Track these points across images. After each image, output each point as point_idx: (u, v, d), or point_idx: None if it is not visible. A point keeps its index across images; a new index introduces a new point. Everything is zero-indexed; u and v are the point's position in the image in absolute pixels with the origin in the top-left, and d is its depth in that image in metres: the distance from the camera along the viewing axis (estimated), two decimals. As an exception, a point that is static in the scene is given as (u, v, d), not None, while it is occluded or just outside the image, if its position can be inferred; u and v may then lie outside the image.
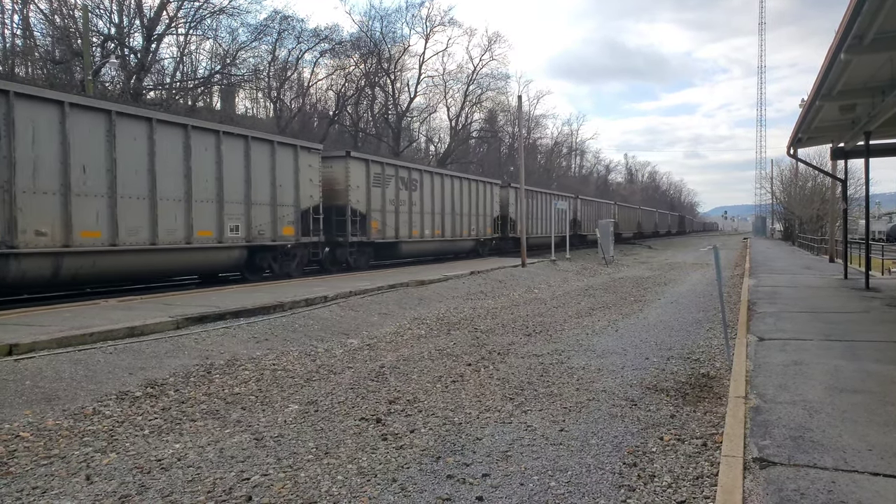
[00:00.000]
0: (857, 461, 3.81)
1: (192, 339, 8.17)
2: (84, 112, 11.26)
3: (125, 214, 11.88)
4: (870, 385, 5.55)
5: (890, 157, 15.39)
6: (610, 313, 11.88)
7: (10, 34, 29.51)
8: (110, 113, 11.68)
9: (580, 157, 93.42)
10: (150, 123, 12.41)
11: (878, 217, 58.25)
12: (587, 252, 35.06)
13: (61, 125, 10.82)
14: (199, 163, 13.48)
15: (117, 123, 11.74)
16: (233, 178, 14.30)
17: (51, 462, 4.38)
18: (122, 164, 11.82)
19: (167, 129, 12.82)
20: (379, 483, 4.03)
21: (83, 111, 11.26)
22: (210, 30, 33.67)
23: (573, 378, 6.76)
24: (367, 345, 8.76)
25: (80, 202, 11.11)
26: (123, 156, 11.87)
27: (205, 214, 13.63)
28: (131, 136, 12.06)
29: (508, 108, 59.88)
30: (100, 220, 11.49)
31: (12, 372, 6.15)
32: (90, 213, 11.32)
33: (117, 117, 11.76)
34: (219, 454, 4.55)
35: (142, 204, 12.25)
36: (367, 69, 44.31)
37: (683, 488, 3.91)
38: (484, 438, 4.86)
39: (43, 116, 10.60)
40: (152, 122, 12.44)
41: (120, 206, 11.77)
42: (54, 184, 10.76)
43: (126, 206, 11.91)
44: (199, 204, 13.49)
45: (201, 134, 13.60)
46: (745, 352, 7.10)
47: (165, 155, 12.70)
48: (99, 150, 11.49)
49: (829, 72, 9.58)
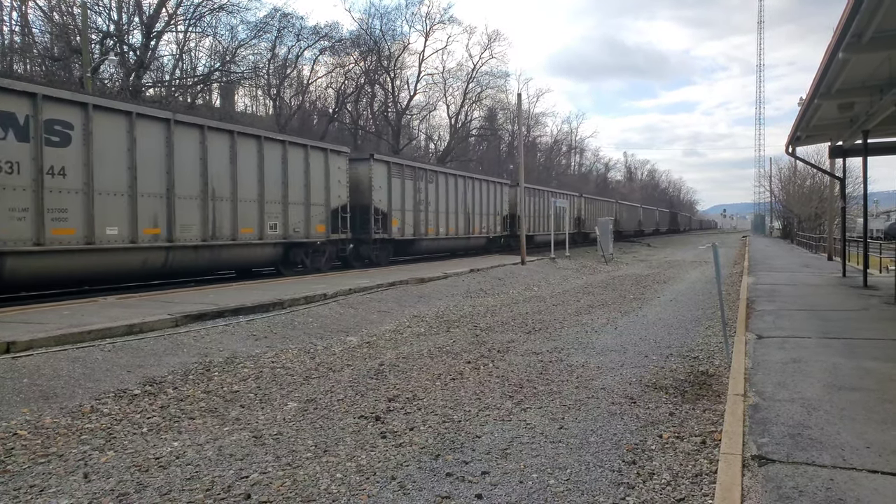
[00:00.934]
0: (856, 459, 3.82)
1: (191, 336, 8.16)
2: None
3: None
4: (868, 383, 5.56)
5: (888, 155, 15.40)
6: (609, 311, 11.89)
7: (9, 31, 29.49)
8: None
9: (580, 155, 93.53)
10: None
11: (876, 215, 58.30)
12: (587, 250, 35.06)
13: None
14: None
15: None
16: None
17: (48, 460, 4.38)
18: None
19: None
20: (378, 481, 4.03)
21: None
22: (209, 27, 33.68)
23: (572, 376, 6.76)
24: (367, 342, 8.76)
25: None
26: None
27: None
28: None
29: (508, 105, 59.93)
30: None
31: (10, 370, 6.14)
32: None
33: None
34: (217, 452, 4.55)
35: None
36: (367, 67, 44.31)
37: (682, 486, 3.91)
38: (483, 436, 4.86)
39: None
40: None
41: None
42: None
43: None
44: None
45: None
46: (744, 350, 7.10)
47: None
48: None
49: (828, 70, 9.57)
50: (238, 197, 14.34)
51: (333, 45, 41.15)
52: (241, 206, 14.45)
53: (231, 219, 14.21)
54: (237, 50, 34.87)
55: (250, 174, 14.77)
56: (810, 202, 43.77)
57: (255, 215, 14.88)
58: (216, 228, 13.85)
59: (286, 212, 15.78)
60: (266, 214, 15.16)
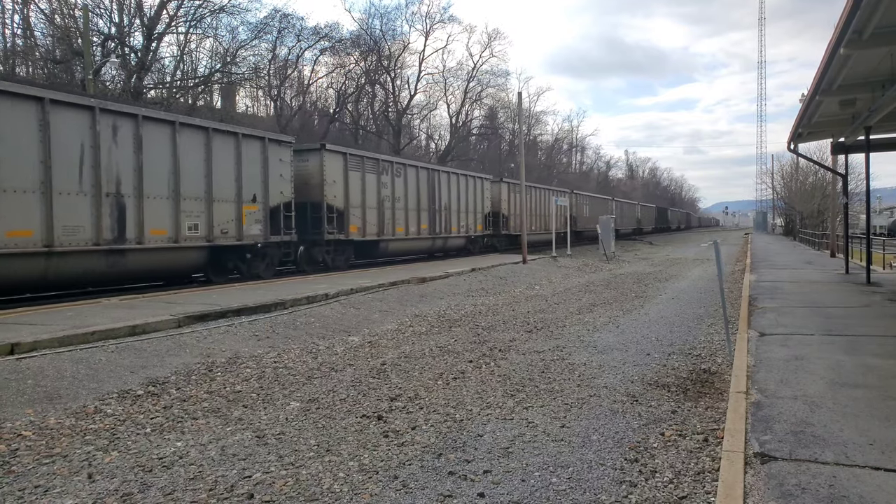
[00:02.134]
0: (858, 456, 3.81)
1: (193, 337, 8.18)
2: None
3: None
4: (870, 380, 5.55)
5: (890, 151, 15.37)
6: (611, 309, 11.88)
7: (11, 34, 29.54)
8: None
9: (581, 153, 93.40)
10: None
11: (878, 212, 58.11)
12: (588, 248, 35.04)
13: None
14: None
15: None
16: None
17: (53, 461, 4.39)
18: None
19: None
20: (380, 480, 4.04)
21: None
22: (210, 28, 33.63)
23: (574, 374, 6.76)
24: (369, 342, 8.77)
25: None
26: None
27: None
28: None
29: (509, 104, 59.87)
30: None
31: (14, 371, 6.16)
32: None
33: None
34: (220, 452, 4.56)
35: None
36: (367, 67, 44.28)
37: (685, 483, 3.91)
38: (485, 435, 4.87)
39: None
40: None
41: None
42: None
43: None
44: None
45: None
46: (746, 347, 7.10)
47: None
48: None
49: (829, 67, 9.56)
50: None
51: (334, 45, 41.12)
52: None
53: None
54: (238, 51, 34.86)
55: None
56: (812, 199, 43.73)
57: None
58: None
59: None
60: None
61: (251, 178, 15.05)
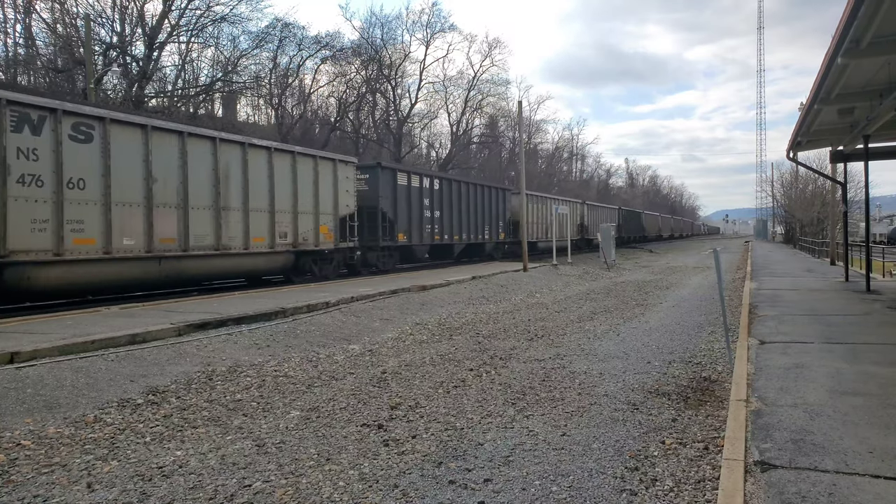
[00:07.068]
0: (859, 464, 3.81)
1: (193, 345, 8.18)
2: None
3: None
4: (871, 388, 5.55)
5: (889, 160, 15.40)
6: (611, 317, 11.88)
7: (13, 43, 29.72)
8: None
9: (581, 161, 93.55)
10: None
11: (878, 220, 58.22)
12: (590, 256, 35.03)
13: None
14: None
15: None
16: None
17: (52, 470, 4.39)
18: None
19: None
20: (381, 489, 4.03)
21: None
22: (211, 37, 33.81)
23: (575, 382, 6.76)
24: (369, 350, 8.76)
25: None
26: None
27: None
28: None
29: (509, 113, 60.01)
30: None
31: (14, 380, 6.16)
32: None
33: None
34: (220, 461, 4.55)
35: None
36: (368, 76, 44.47)
37: (685, 492, 3.91)
38: (486, 443, 4.86)
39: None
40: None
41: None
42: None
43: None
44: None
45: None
46: (747, 355, 7.09)
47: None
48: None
49: (827, 76, 9.61)
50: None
51: (335, 54, 41.35)
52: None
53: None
54: (239, 60, 35.05)
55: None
56: (812, 207, 43.78)
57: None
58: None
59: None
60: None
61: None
